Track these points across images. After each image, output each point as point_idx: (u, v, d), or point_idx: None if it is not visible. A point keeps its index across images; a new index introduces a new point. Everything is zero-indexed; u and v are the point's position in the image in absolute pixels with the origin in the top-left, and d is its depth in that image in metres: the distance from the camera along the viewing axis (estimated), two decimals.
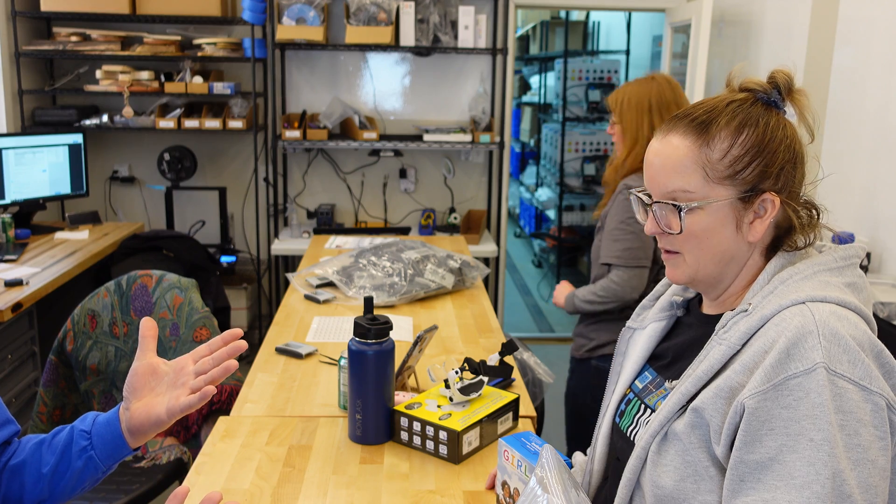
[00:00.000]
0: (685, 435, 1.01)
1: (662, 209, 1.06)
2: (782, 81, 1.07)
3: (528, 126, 7.74)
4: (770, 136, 1.03)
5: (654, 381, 1.17)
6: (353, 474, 1.48)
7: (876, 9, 2.86)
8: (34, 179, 3.65)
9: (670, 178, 1.04)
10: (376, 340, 1.54)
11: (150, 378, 1.11)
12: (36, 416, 2.31)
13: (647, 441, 1.06)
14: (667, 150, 1.05)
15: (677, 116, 1.07)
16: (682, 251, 1.07)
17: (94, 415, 1.14)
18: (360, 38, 3.94)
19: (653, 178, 1.07)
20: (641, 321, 1.25)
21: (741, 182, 1.03)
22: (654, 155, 1.07)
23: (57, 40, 4.00)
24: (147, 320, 1.13)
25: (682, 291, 1.23)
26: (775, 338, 0.96)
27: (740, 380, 0.97)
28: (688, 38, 3.94)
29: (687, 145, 1.04)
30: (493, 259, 4.26)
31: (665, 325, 1.21)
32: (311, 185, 4.45)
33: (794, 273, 1.03)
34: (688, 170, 1.03)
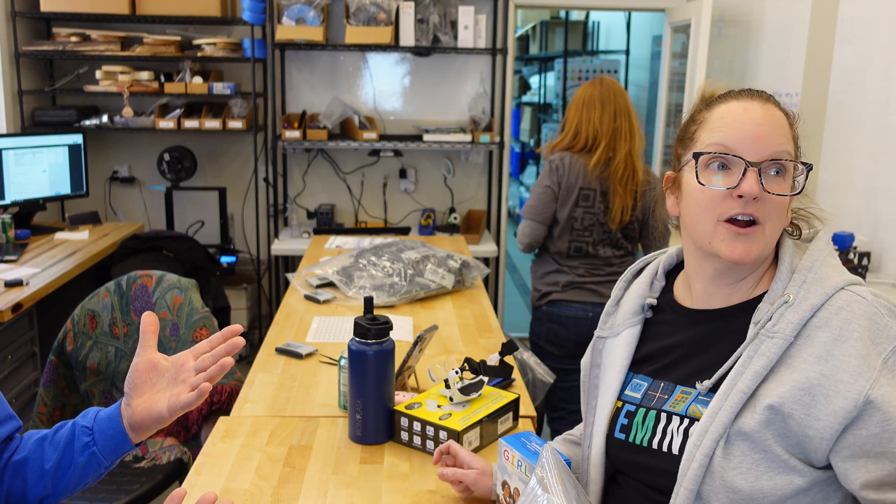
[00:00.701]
0: (757, 433, 1.00)
1: (775, 168, 1.05)
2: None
3: (528, 126, 7.74)
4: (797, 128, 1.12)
5: (653, 387, 1.14)
6: (353, 474, 1.48)
7: (876, 9, 2.86)
8: (34, 180, 3.65)
9: (782, 139, 1.06)
10: (376, 340, 1.54)
11: (150, 374, 1.11)
12: (36, 416, 2.31)
13: (709, 447, 1.02)
14: (773, 116, 1.07)
15: (760, 91, 1.10)
16: (766, 221, 1.05)
17: (96, 410, 1.14)
18: (359, 39, 3.94)
19: (760, 139, 1.05)
20: (611, 329, 1.23)
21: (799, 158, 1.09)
22: (759, 117, 1.06)
23: (57, 41, 4.00)
24: (148, 314, 1.13)
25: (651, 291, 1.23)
26: (843, 326, 1.00)
27: (820, 370, 0.99)
28: (688, 38, 3.94)
29: (784, 117, 1.09)
30: (493, 259, 4.26)
31: (639, 329, 1.21)
32: (311, 185, 4.45)
33: (814, 260, 1.07)
34: (788, 138, 1.07)
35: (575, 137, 2.79)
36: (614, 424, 1.17)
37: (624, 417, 1.16)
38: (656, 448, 1.10)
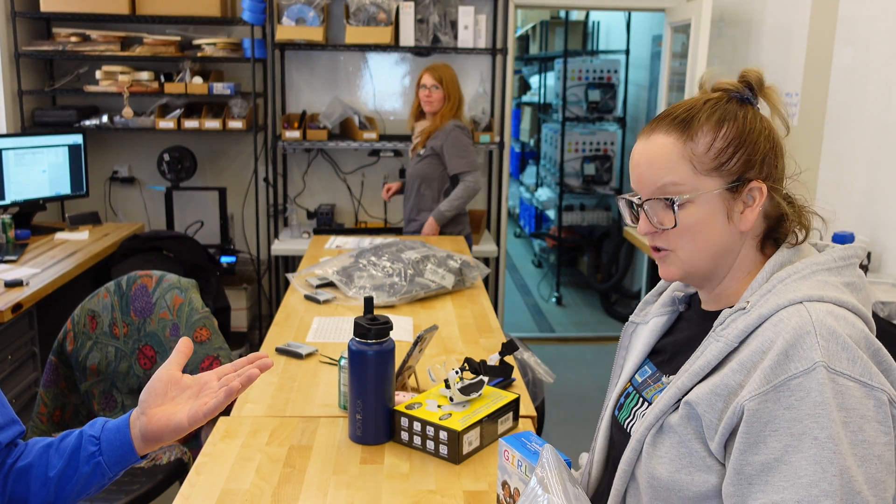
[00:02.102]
0: (680, 427, 1.03)
1: (654, 206, 1.08)
2: (754, 79, 1.10)
3: (527, 126, 7.74)
4: (749, 127, 1.07)
5: (652, 376, 1.19)
6: (353, 474, 1.48)
7: (876, 9, 2.86)
8: (34, 180, 3.65)
9: (659, 174, 1.07)
10: (376, 340, 1.54)
11: (172, 387, 1.12)
12: (36, 416, 2.31)
13: (642, 433, 1.08)
14: (653, 147, 1.08)
15: (658, 118, 1.10)
16: (676, 247, 1.09)
17: (104, 420, 1.14)
18: (359, 39, 3.94)
19: (641, 178, 1.09)
20: (644, 316, 1.27)
21: (727, 173, 1.05)
22: (639, 155, 1.10)
23: (57, 41, 4.00)
24: (186, 340, 1.14)
25: (683, 287, 1.24)
26: (773, 338, 0.96)
27: (737, 379, 0.98)
28: (687, 38, 3.94)
29: (672, 141, 1.06)
30: (493, 259, 4.26)
31: (667, 320, 1.23)
32: (310, 185, 4.45)
33: (793, 272, 1.04)
34: (675, 164, 1.06)
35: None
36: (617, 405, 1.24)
37: (623, 398, 1.23)
38: (625, 428, 1.18)
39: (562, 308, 5.76)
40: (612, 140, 5.98)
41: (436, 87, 3.57)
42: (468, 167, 3.59)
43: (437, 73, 3.57)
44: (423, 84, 3.59)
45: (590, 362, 4.58)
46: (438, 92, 3.57)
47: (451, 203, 3.60)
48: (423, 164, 3.64)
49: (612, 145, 5.97)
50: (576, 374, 4.36)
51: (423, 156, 3.63)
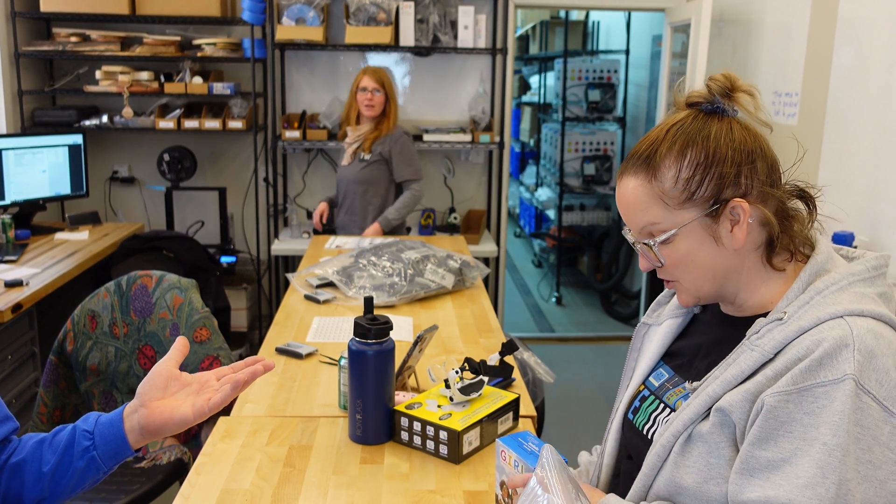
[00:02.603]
0: (712, 436, 1.02)
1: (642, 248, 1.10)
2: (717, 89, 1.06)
3: (527, 126, 7.74)
4: (714, 146, 1.04)
5: (671, 380, 1.17)
6: (353, 474, 1.48)
7: (876, 9, 2.86)
8: (34, 180, 3.65)
9: (636, 216, 1.08)
10: (376, 340, 1.54)
11: (172, 382, 1.12)
12: (36, 416, 2.31)
13: (668, 440, 1.06)
14: (626, 192, 1.08)
15: (627, 158, 1.10)
16: (677, 278, 1.10)
17: (97, 415, 1.14)
18: (359, 39, 3.94)
19: (626, 219, 1.11)
20: (657, 317, 1.26)
21: (702, 200, 1.04)
22: (618, 199, 1.11)
23: (56, 41, 4.00)
24: (183, 339, 1.15)
25: None
26: (811, 347, 0.96)
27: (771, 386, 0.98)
28: (687, 38, 3.94)
29: (639, 183, 1.06)
30: (493, 259, 4.26)
31: (681, 321, 1.22)
32: (310, 185, 4.45)
33: (830, 283, 1.02)
34: (647, 205, 1.06)
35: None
36: (631, 406, 1.22)
37: (638, 401, 1.21)
38: (645, 434, 1.15)
39: (562, 308, 5.76)
40: (612, 140, 5.98)
41: (377, 91, 3.52)
42: (416, 175, 3.61)
43: (378, 76, 3.53)
44: (363, 87, 3.53)
45: (590, 362, 4.58)
46: (380, 95, 3.53)
47: (398, 211, 3.59)
48: (370, 169, 3.59)
49: (612, 145, 5.97)
50: (576, 374, 4.36)
51: (370, 161, 3.58)
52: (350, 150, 3.63)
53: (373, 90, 3.52)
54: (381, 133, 3.56)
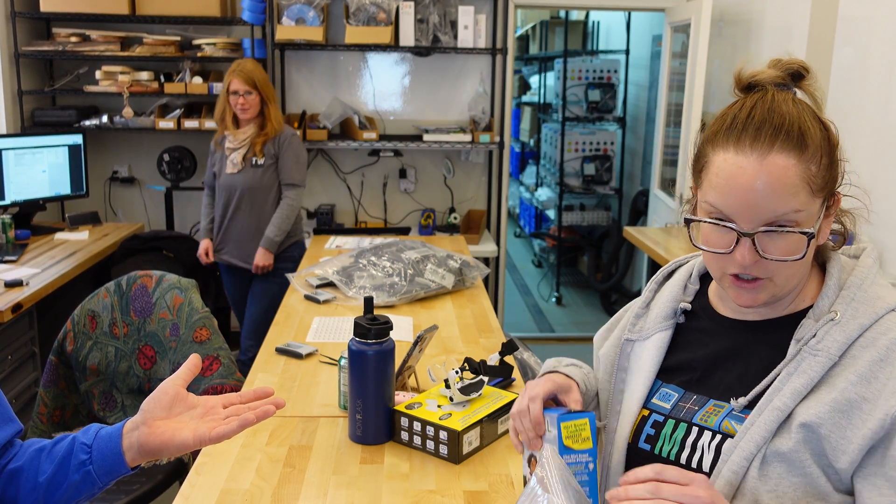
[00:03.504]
0: (795, 453, 0.94)
1: (770, 236, 0.95)
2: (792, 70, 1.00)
3: (527, 126, 7.74)
4: (830, 131, 0.98)
5: (686, 399, 1.07)
6: (353, 474, 1.48)
7: (876, 9, 2.86)
8: (34, 180, 3.65)
9: (781, 202, 0.93)
10: (376, 340, 1.54)
11: (177, 402, 1.08)
12: (36, 416, 2.31)
13: (739, 465, 0.96)
14: (773, 171, 0.92)
15: (763, 131, 0.94)
16: (771, 275, 0.97)
17: (98, 427, 1.11)
18: (359, 39, 3.94)
19: (753, 204, 0.93)
20: (639, 332, 1.16)
21: (826, 188, 0.97)
22: (753, 178, 0.93)
23: (56, 41, 4.00)
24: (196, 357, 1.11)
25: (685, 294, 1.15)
26: (890, 346, 0.94)
27: (860, 391, 0.93)
28: (687, 38, 3.94)
29: (793, 163, 0.93)
30: (493, 259, 4.26)
31: (670, 333, 1.13)
32: (310, 185, 4.44)
33: (864, 277, 1.01)
34: (796, 189, 0.93)
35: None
36: (639, 434, 1.10)
37: (650, 428, 1.09)
38: (684, 463, 1.03)
39: (562, 308, 5.76)
40: (612, 140, 5.98)
41: (249, 93, 3.23)
42: (300, 180, 3.38)
43: (247, 77, 3.23)
44: (234, 91, 3.24)
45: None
46: (253, 97, 3.24)
47: (279, 228, 3.30)
48: (263, 174, 3.31)
49: (612, 145, 5.97)
50: None
51: (264, 165, 3.30)
52: (237, 156, 3.29)
53: (244, 93, 3.23)
54: (269, 135, 3.29)
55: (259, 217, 3.34)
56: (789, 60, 1.00)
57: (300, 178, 3.37)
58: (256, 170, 3.30)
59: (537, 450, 1.06)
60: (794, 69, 1.00)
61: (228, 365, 2.23)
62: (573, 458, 1.03)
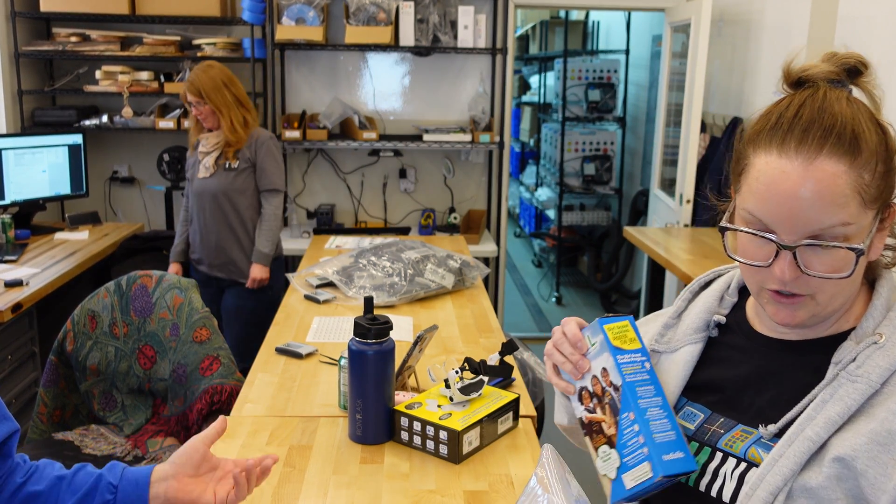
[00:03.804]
0: (825, 490, 0.85)
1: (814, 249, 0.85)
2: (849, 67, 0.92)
3: (527, 126, 7.74)
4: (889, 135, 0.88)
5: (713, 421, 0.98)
6: (353, 474, 1.48)
7: (876, 9, 2.86)
8: (34, 180, 3.65)
9: (828, 213, 0.83)
10: (376, 340, 1.54)
11: (204, 461, 1.13)
12: (36, 416, 2.31)
13: (764, 500, 0.87)
14: (821, 178, 0.83)
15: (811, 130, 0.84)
16: (814, 292, 0.88)
17: (122, 468, 1.13)
18: (359, 38, 3.94)
19: (796, 216, 0.84)
20: (667, 343, 1.06)
21: (881, 200, 0.87)
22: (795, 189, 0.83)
23: (56, 41, 4.00)
24: (224, 420, 1.16)
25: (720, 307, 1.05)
26: None
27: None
28: (687, 38, 3.94)
29: (843, 170, 0.83)
30: (493, 259, 4.26)
31: (701, 347, 1.03)
32: (310, 185, 4.44)
33: None
34: (847, 199, 0.83)
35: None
36: None
37: None
38: (703, 490, 0.95)
39: (562, 308, 5.76)
40: (612, 140, 5.98)
41: (200, 103, 3.06)
42: (281, 185, 3.18)
43: (193, 87, 3.05)
44: (188, 101, 3.10)
45: None
46: (204, 106, 3.05)
47: (269, 240, 3.13)
48: (236, 177, 3.11)
49: (612, 145, 5.97)
50: None
51: (237, 168, 3.10)
52: (210, 160, 3.11)
53: (195, 103, 3.07)
54: (242, 140, 3.10)
55: (233, 223, 3.14)
56: (846, 54, 0.91)
57: (281, 183, 3.18)
58: (229, 173, 3.10)
59: (585, 370, 0.99)
60: (851, 64, 0.91)
61: (228, 365, 2.23)
62: (627, 357, 0.96)
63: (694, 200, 3.81)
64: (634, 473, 0.92)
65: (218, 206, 3.13)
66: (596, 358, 0.98)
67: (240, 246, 3.17)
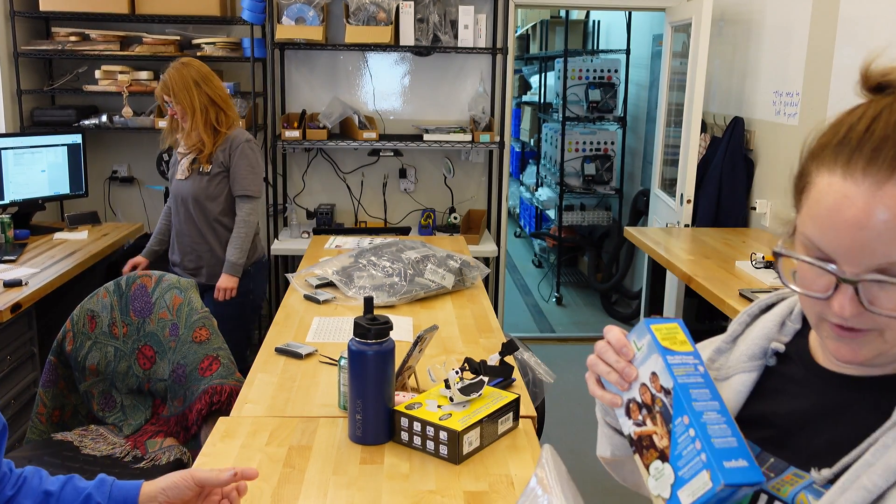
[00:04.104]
0: None
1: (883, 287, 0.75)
2: None
3: (528, 126, 7.74)
4: None
5: (765, 461, 0.88)
6: (353, 475, 1.48)
7: (876, 9, 2.85)
8: (33, 180, 3.65)
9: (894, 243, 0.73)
10: (376, 340, 1.54)
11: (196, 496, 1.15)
12: (35, 416, 2.31)
13: None
14: (891, 206, 0.72)
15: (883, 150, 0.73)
16: (881, 329, 0.78)
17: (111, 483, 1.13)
18: (359, 38, 3.93)
19: (861, 246, 0.74)
20: (719, 369, 0.96)
21: None
22: (860, 217, 0.73)
23: (56, 40, 4.00)
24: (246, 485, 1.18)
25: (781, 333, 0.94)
26: None
27: None
28: (688, 38, 3.94)
29: None
30: (493, 259, 4.26)
31: (756, 376, 0.93)
32: (310, 185, 4.44)
33: None
34: None
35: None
36: None
37: None
38: None
39: (562, 308, 5.76)
40: (613, 140, 5.97)
41: (168, 104, 3.01)
42: (256, 190, 3.07)
43: (163, 87, 3.00)
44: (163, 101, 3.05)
45: None
46: (177, 106, 3.00)
47: (240, 250, 3.03)
48: (209, 182, 3.04)
49: (613, 145, 5.97)
50: (576, 374, 4.34)
51: (211, 173, 3.03)
52: (186, 162, 3.07)
53: (167, 102, 3.02)
54: (217, 141, 3.02)
55: (203, 229, 3.08)
56: None
57: (256, 188, 3.06)
58: (202, 178, 3.03)
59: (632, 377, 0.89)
60: None
61: (228, 365, 2.22)
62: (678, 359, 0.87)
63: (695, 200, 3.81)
64: (692, 486, 0.81)
65: (190, 211, 3.07)
66: (643, 363, 0.89)
67: (212, 252, 3.09)
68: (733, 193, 3.72)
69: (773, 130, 3.54)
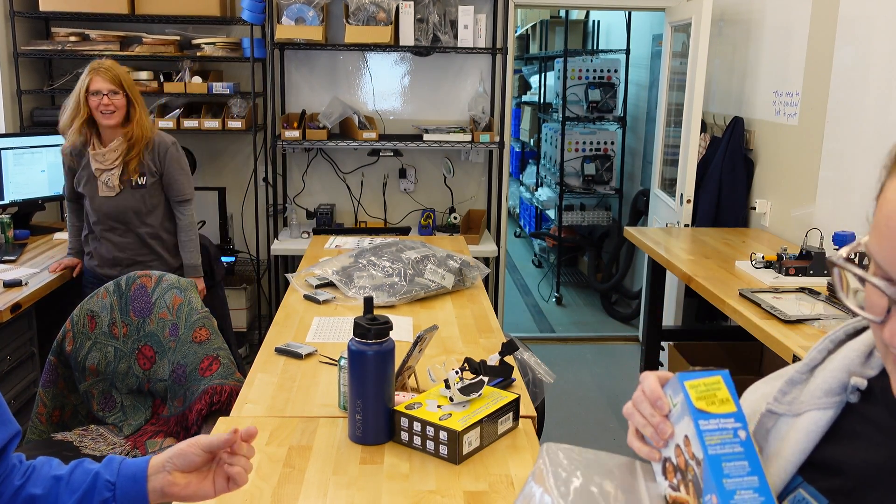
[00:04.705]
0: None
1: None
2: None
3: (528, 126, 7.73)
4: None
5: None
6: (353, 475, 1.48)
7: (876, 8, 2.85)
8: (33, 180, 3.65)
9: None
10: (376, 340, 1.54)
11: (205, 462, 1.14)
12: (35, 416, 2.31)
13: None
14: None
15: None
16: None
17: (119, 461, 1.13)
18: (359, 38, 3.93)
19: None
20: (790, 403, 0.82)
21: None
22: None
23: (56, 40, 4.00)
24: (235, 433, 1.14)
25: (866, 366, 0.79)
26: None
27: None
28: (688, 38, 3.94)
29: None
30: (493, 259, 4.26)
31: (833, 414, 0.79)
32: (310, 185, 4.44)
33: None
34: None
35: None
36: None
37: None
38: None
39: (562, 308, 5.76)
40: (613, 140, 5.97)
41: (115, 93, 2.86)
42: (192, 193, 3.06)
43: (113, 76, 2.87)
44: (95, 90, 2.85)
45: (590, 362, 4.57)
46: (119, 98, 2.86)
47: (193, 249, 3.08)
48: (147, 193, 2.95)
49: (613, 145, 5.97)
50: (576, 374, 4.35)
51: (146, 185, 2.94)
52: (113, 179, 2.90)
53: (109, 92, 2.84)
54: (140, 146, 2.91)
55: (147, 240, 3.00)
56: None
57: (191, 190, 3.06)
58: (138, 192, 2.93)
59: (667, 435, 0.80)
60: None
61: (228, 365, 2.22)
62: (713, 423, 0.76)
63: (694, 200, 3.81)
64: None
65: (131, 227, 2.96)
66: (679, 421, 0.79)
67: (161, 260, 3.03)
68: (733, 193, 3.72)
69: (772, 130, 3.54)
